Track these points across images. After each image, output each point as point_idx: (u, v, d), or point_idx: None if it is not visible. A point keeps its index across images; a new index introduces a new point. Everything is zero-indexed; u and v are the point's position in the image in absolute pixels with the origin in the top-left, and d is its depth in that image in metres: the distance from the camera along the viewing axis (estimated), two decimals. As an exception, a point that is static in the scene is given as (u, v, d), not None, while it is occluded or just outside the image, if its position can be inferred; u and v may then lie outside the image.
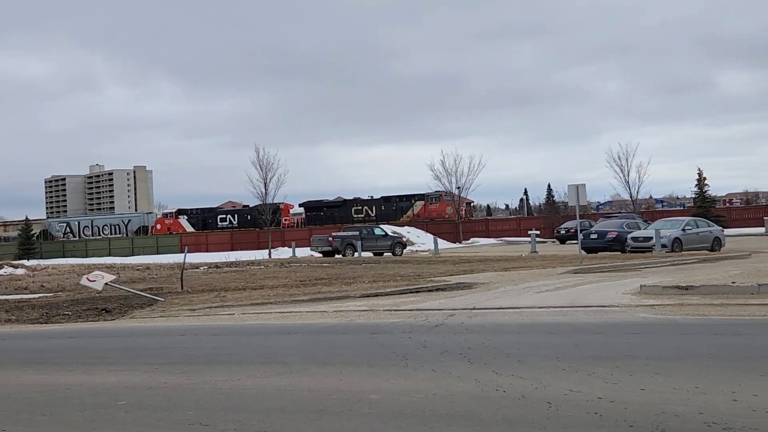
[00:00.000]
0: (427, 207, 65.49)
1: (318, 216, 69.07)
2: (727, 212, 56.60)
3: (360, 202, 69.21)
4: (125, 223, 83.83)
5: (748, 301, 12.09)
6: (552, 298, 14.00)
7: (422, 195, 66.28)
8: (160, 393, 7.00)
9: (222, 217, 75.43)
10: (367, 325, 11.39)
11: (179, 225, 76.40)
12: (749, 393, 5.86)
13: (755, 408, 5.43)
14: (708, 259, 24.35)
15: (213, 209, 78.59)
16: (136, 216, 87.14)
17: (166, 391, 7.08)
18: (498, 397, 6.19)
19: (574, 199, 24.76)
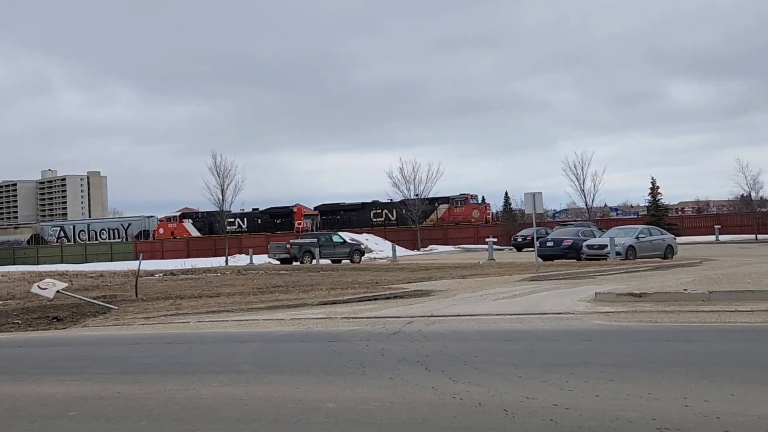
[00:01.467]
0: (452, 210, 63.75)
1: (334, 219, 66.88)
2: (680, 220, 57.77)
3: (379, 205, 66.87)
4: (125, 227, 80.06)
5: (699, 308, 12.33)
6: (509, 306, 14.10)
7: (446, 198, 64.36)
8: (112, 403, 6.86)
9: (230, 221, 71.68)
10: (325, 333, 11.33)
11: (184, 229, 73.61)
12: (700, 399, 5.96)
13: (706, 414, 5.52)
14: (661, 266, 24.79)
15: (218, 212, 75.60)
16: (136, 219, 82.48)
17: (118, 401, 6.94)
18: (455, 404, 6.20)
19: (530, 207, 25.00)
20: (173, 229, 74.41)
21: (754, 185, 53.28)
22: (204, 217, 73.57)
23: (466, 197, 64.08)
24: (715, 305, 12.53)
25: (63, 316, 15.41)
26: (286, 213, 69.35)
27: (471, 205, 63.74)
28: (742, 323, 10.65)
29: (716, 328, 10.38)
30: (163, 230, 75.07)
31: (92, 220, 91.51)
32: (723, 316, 11.29)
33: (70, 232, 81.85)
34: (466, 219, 62.49)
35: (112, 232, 79.70)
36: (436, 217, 64.54)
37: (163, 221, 76.57)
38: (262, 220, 70.61)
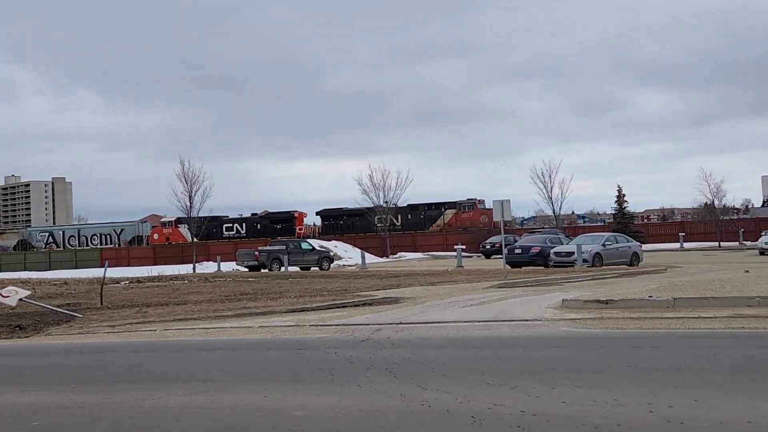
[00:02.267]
0: (460, 216, 62.33)
1: (336, 225, 65.40)
2: (645, 228, 58.55)
3: (383, 209, 64.82)
4: (117, 232, 77.11)
5: (664, 315, 12.49)
6: (477, 313, 14.16)
7: (453, 203, 63.19)
8: (76, 413, 6.76)
9: (228, 226, 70.73)
10: (293, 341, 11.28)
11: (179, 234, 71.14)
12: (665, 404, 6.03)
13: (670, 419, 5.60)
14: (627, 273, 25.07)
15: (218, 218, 72.01)
16: (130, 225, 79.50)
17: (82, 411, 6.84)
18: (423, 411, 6.21)
19: (498, 215, 25.14)
20: (168, 235, 72.15)
21: (717, 193, 54.17)
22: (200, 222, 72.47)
23: (474, 202, 62.72)
24: (679, 312, 12.71)
25: (26, 325, 15.14)
26: (287, 218, 67.69)
27: (479, 210, 62.30)
28: (705, 329, 10.81)
29: (680, 334, 10.52)
30: (158, 236, 72.92)
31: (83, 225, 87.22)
32: (687, 323, 11.45)
33: (59, 237, 78.91)
34: (474, 224, 60.86)
35: (104, 238, 76.88)
36: (443, 222, 63.22)
37: (158, 227, 74.55)
38: (261, 225, 69.04)
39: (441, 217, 63.82)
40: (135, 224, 78.42)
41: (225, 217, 72.76)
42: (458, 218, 62.44)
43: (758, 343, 9.50)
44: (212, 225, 70.67)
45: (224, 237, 69.89)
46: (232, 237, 69.05)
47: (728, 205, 56.88)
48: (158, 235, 73.14)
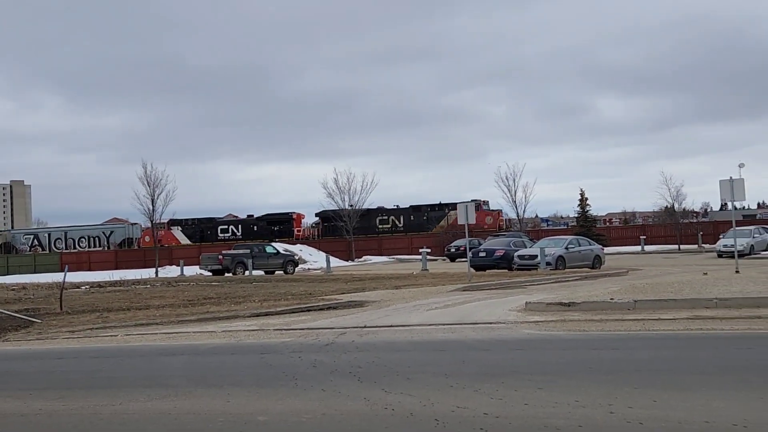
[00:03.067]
0: None
1: (336, 226, 62.73)
2: (607, 231, 59.23)
3: (385, 211, 63.89)
4: (107, 234, 74.56)
5: (625, 317, 12.66)
6: (441, 316, 14.22)
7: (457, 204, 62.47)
8: (34, 420, 6.64)
9: (223, 228, 68.92)
10: (257, 345, 11.22)
11: (172, 236, 69.72)
12: (624, 405, 6.12)
13: (629, 419, 5.67)
14: (589, 276, 25.36)
15: (212, 219, 71.00)
16: (119, 227, 76.70)
17: (40, 418, 6.72)
18: (387, 415, 6.22)
19: (463, 218, 25.28)
20: (160, 237, 68.65)
21: (677, 197, 55.02)
22: (194, 224, 70.25)
23: (479, 203, 60.98)
24: (639, 314, 12.89)
25: (-17, 331, 14.83)
26: (285, 219, 66.11)
27: (484, 212, 61.10)
28: (664, 331, 10.98)
29: (640, 336, 10.68)
30: (149, 238, 69.20)
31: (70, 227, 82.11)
32: (647, 324, 11.62)
33: (45, 240, 75.78)
34: (478, 225, 58.84)
35: (92, 240, 74.42)
36: (447, 223, 61.81)
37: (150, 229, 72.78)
38: (258, 227, 67.46)
39: (445, 218, 62.62)
40: (125, 226, 75.72)
41: (219, 218, 71.00)
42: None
43: (716, 344, 9.68)
44: (206, 227, 69.62)
45: (219, 239, 67.97)
46: (228, 239, 66.96)
47: (688, 208, 57.81)
48: (149, 238, 69.43)
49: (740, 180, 23.34)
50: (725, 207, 68.05)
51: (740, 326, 10.98)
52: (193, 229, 70.42)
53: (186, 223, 70.96)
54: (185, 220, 71.23)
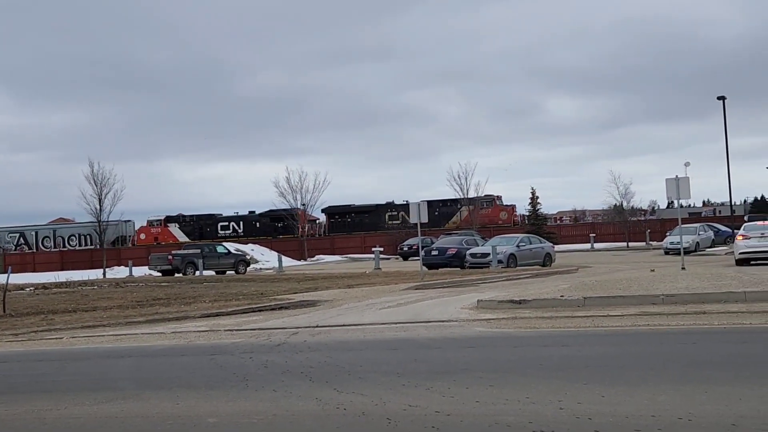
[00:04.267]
0: (477, 212, 58.84)
1: (344, 222, 61.85)
2: (558, 229, 60.08)
3: (395, 206, 61.78)
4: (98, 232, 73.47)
5: (574, 314, 12.84)
6: (394, 315, 14.23)
7: (470, 199, 59.73)
8: (-27, 427, 6.43)
9: (224, 225, 66.42)
10: (207, 346, 11.07)
11: (169, 234, 67.06)
12: (574, 401, 6.19)
13: (579, 415, 5.74)
14: (540, 274, 25.68)
15: (213, 215, 68.20)
16: (112, 224, 69.91)
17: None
18: (339, 415, 6.18)
19: (416, 217, 25.36)
20: (157, 234, 67.57)
21: (626, 195, 56.12)
22: (193, 221, 67.70)
23: (493, 198, 60.73)
24: (589, 310, 13.08)
25: None
26: (289, 216, 63.00)
27: (498, 207, 60.50)
28: (613, 327, 11.16)
29: (590, 332, 10.83)
30: (145, 236, 68.01)
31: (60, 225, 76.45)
32: (596, 321, 11.80)
33: (32, 238, 71.31)
34: (492, 221, 58.54)
35: (83, 239, 70.66)
36: (459, 218, 60.76)
37: (146, 226, 69.52)
38: (260, 223, 65.43)
39: (457, 214, 61.41)
40: (118, 224, 70.68)
41: (220, 215, 68.59)
42: (475, 215, 59.23)
43: (662, 339, 9.87)
44: (206, 223, 67.18)
45: (220, 236, 65.28)
46: (229, 236, 64.50)
47: (636, 206, 59.05)
48: (145, 235, 68.29)
49: (686, 179, 23.89)
50: (672, 205, 69.53)
51: (686, 322, 11.22)
52: (192, 226, 67.97)
53: (184, 219, 68.61)
54: (183, 217, 68.94)
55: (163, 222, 68.47)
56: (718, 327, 10.59)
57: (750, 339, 9.45)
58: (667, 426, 5.34)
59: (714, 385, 6.54)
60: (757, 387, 6.39)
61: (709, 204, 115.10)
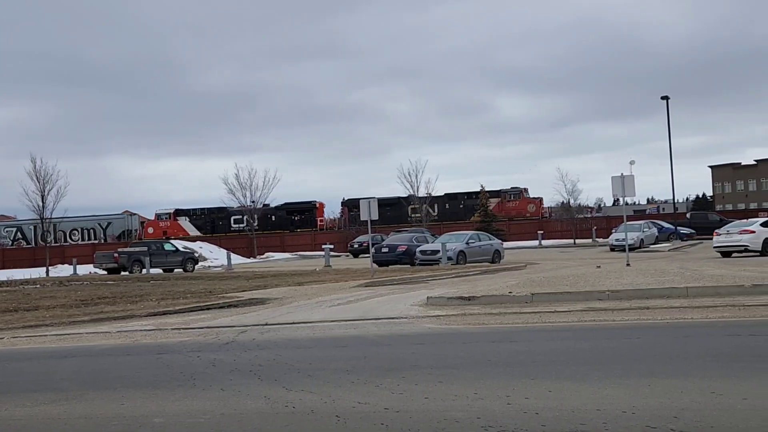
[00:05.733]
0: (504, 205, 57.89)
1: None
2: (507, 226, 60.57)
3: (418, 200, 60.08)
4: (103, 226, 67.27)
5: (522, 310, 12.99)
6: (344, 312, 14.20)
7: (497, 191, 59.01)
8: None
9: (237, 218, 63.50)
10: (154, 345, 10.90)
11: (179, 227, 64.61)
12: (521, 396, 6.26)
13: (526, 410, 5.80)
14: (489, 270, 25.93)
15: (224, 209, 64.81)
16: (118, 218, 69.53)
17: None
18: (287, 413, 6.14)
19: (366, 214, 25.37)
20: (166, 228, 64.80)
21: (573, 192, 56.95)
22: (204, 214, 65.29)
23: (520, 190, 59.82)
24: (536, 307, 13.26)
25: None
26: (308, 208, 61.57)
27: (526, 199, 59.50)
28: (560, 323, 11.33)
29: (537, 328, 10.97)
30: (153, 229, 65.28)
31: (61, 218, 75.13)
32: (544, 317, 11.96)
33: (30, 233, 67.44)
34: (520, 213, 57.53)
35: (86, 233, 67.58)
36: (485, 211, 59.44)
37: (154, 220, 67.15)
38: (277, 217, 63.50)
39: None
40: (124, 217, 69.38)
41: (232, 208, 65.21)
42: (503, 207, 58.38)
43: (607, 334, 10.04)
44: (218, 217, 64.94)
45: (233, 230, 63.75)
46: (243, 230, 62.61)
47: (583, 204, 59.97)
48: (153, 229, 65.72)
49: (631, 176, 24.38)
50: (617, 202, 70.90)
51: (630, 317, 11.45)
52: (203, 219, 65.98)
53: (195, 213, 66.39)
54: (194, 210, 66.71)
55: (172, 215, 66.21)
56: (661, 322, 10.84)
57: (691, 333, 9.69)
58: (611, 419, 5.43)
59: (657, 379, 6.68)
60: (698, 380, 6.55)
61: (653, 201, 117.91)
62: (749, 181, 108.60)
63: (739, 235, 27.30)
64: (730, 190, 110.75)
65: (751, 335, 9.19)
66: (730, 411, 5.52)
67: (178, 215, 66.44)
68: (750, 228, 27.45)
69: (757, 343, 8.72)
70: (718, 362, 7.44)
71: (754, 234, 26.96)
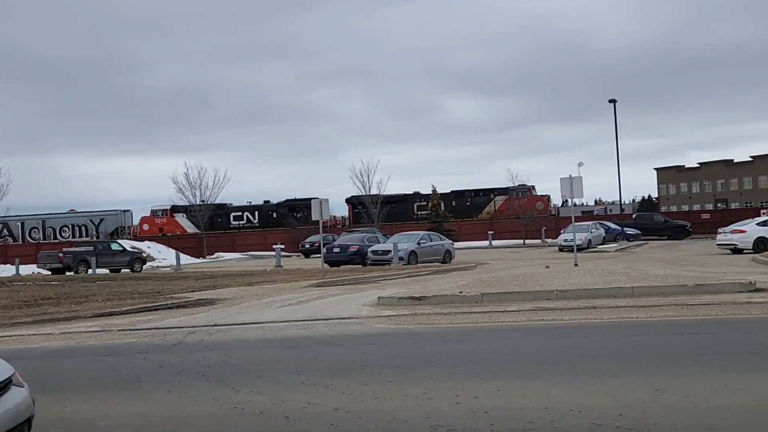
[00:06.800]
0: (512, 202, 56.37)
1: (369, 213, 57.73)
2: (458, 227, 60.90)
3: (423, 197, 58.69)
4: (95, 223, 64.71)
5: (472, 310, 13.08)
6: (295, 312, 14.12)
7: (504, 189, 57.56)
8: None
9: (237, 215, 62.17)
10: (99, 347, 10.67)
11: (176, 224, 62.66)
12: (471, 395, 6.29)
13: (475, 409, 5.84)
14: (440, 270, 26.05)
15: (223, 205, 63.25)
16: (111, 214, 66.46)
17: None
18: (236, 414, 6.07)
19: (317, 214, 25.28)
20: (162, 225, 62.93)
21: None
22: (202, 210, 62.14)
23: (528, 188, 58.80)
24: (486, 306, 13.36)
25: None
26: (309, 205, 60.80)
27: (534, 197, 58.49)
28: (509, 322, 11.43)
29: (487, 327, 11.06)
30: (149, 226, 62.97)
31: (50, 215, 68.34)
32: (493, 317, 12.06)
33: (17, 229, 64.70)
34: (528, 211, 56.05)
35: (77, 230, 64.74)
36: (493, 209, 58.95)
37: (149, 216, 64.79)
38: (278, 214, 61.68)
39: (491, 204, 59.83)
40: (117, 213, 66.27)
41: (232, 204, 64.38)
42: (510, 205, 57.14)
43: (554, 333, 10.18)
44: (217, 213, 62.70)
45: (233, 227, 62.12)
46: (243, 227, 61.22)
47: (535, 205, 60.54)
48: (149, 226, 63.54)
49: (579, 178, 24.77)
50: (566, 203, 71.89)
51: (578, 316, 11.62)
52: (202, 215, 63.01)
53: (192, 209, 63.59)
54: (191, 206, 63.61)
55: (169, 211, 64.17)
56: (608, 321, 11.03)
57: (636, 332, 9.87)
58: (558, 418, 5.50)
59: (603, 377, 6.79)
60: (642, 378, 6.68)
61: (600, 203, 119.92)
62: (692, 183, 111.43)
63: (731, 234, 29.19)
64: (675, 191, 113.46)
65: (693, 334, 9.40)
66: (672, 408, 5.64)
67: (175, 211, 64.53)
68: (742, 228, 29.31)
69: (698, 342, 8.92)
70: (662, 360, 7.59)
71: (745, 233, 28.65)
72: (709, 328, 9.90)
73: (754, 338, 9.05)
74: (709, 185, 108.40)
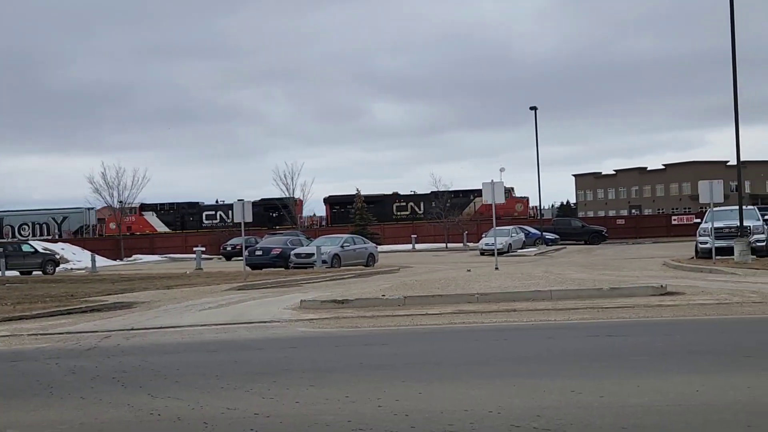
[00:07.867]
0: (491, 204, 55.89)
1: (347, 213, 56.76)
2: (381, 230, 61.20)
3: (402, 197, 58.08)
4: (58, 221, 62.12)
5: (395, 313, 13.14)
6: (215, 316, 13.89)
7: None
8: None
9: (210, 214, 60.29)
10: (8, 352, 10.25)
11: (145, 223, 60.19)
12: (392, 398, 6.30)
13: (396, 412, 5.85)
14: (363, 273, 26.10)
15: (196, 204, 61.65)
16: (75, 212, 62.68)
17: None
18: (153, 421, 5.92)
19: (239, 216, 24.99)
20: (131, 224, 60.36)
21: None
22: (174, 209, 61.25)
23: (508, 190, 57.52)
24: (409, 309, 13.44)
25: None
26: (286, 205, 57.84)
27: (513, 199, 58.29)
28: (431, 325, 11.53)
29: (409, 330, 11.12)
30: (115, 225, 59.72)
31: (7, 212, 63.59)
32: (415, 320, 12.14)
33: None
34: (508, 213, 56.06)
35: (38, 228, 61.50)
36: (473, 210, 58.77)
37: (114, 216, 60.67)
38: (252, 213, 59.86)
39: (470, 205, 59.46)
40: (83, 211, 62.56)
41: (204, 203, 62.60)
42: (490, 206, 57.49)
43: (476, 336, 10.32)
44: (188, 212, 61.33)
45: (205, 226, 60.37)
46: (215, 226, 59.47)
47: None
48: (116, 224, 60.21)
49: (500, 183, 25.30)
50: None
51: (498, 319, 11.80)
52: (173, 215, 62.30)
53: (162, 208, 62.50)
54: (161, 205, 62.70)
55: (137, 210, 61.93)
56: (527, 324, 11.24)
57: (555, 335, 10.09)
58: (478, 419, 5.56)
59: (522, 379, 6.91)
60: (559, 379, 6.82)
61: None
62: (608, 189, 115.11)
63: None
64: (592, 197, 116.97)
65: (608, 336, 9.67)
66: (587, 408, 5.78)
67: (144, 210, 62.76)
68: None
69: (613, 344, 9.19)
70: (579, 362, 7.78)
71: None
72: (624, 330, 10.22)
73: (665, 340, 9.37)
74: (624, 192, 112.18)
